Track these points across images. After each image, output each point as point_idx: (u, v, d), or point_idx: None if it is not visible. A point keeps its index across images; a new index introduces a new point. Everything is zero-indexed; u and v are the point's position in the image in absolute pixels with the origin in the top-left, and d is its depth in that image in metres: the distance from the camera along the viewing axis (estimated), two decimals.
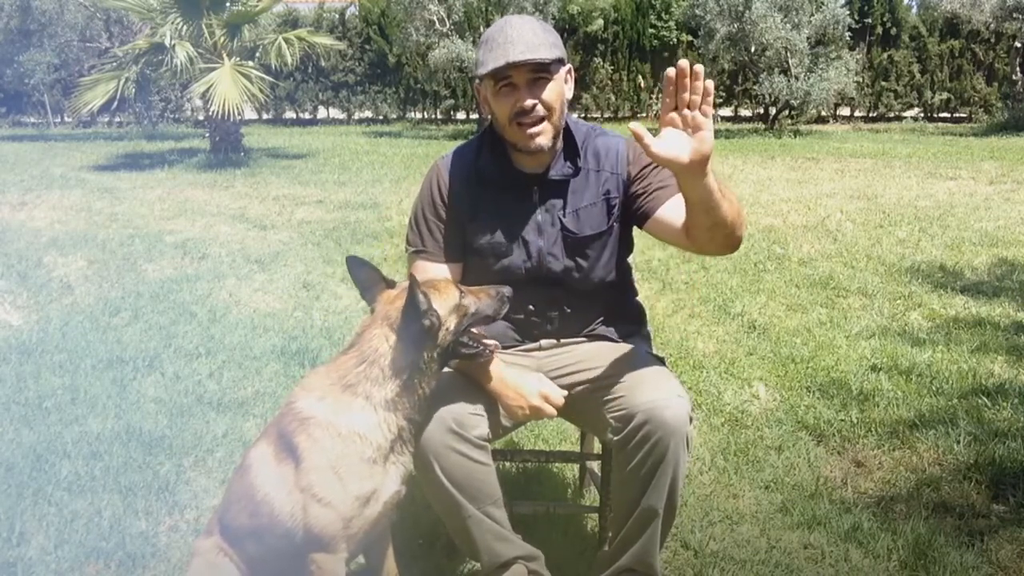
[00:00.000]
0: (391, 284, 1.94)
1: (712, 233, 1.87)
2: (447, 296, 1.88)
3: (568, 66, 2.04)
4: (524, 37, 1.92)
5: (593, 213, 2.11)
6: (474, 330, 1.96)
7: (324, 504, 1.77)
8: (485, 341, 1.96)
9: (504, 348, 2.18)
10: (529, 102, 1.95)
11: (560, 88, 2.00)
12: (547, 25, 2.02)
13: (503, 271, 2.12)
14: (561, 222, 2.10)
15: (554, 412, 2.00)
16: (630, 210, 2.12)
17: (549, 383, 2.03)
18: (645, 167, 2.09)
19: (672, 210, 2.01)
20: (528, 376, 2.02)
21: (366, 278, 1.95)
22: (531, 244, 2.11)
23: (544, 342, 2.21)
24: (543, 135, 1.99)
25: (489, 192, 2.11)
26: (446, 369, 1.97)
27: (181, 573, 2.31)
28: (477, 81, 2.05)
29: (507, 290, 1.96)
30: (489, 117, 2.09)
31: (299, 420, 1.82)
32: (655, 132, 1.69)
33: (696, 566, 2.38)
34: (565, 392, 2.03)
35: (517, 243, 2.11)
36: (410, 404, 1.85)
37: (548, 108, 1.98)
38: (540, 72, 1.95)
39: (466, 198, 2.12)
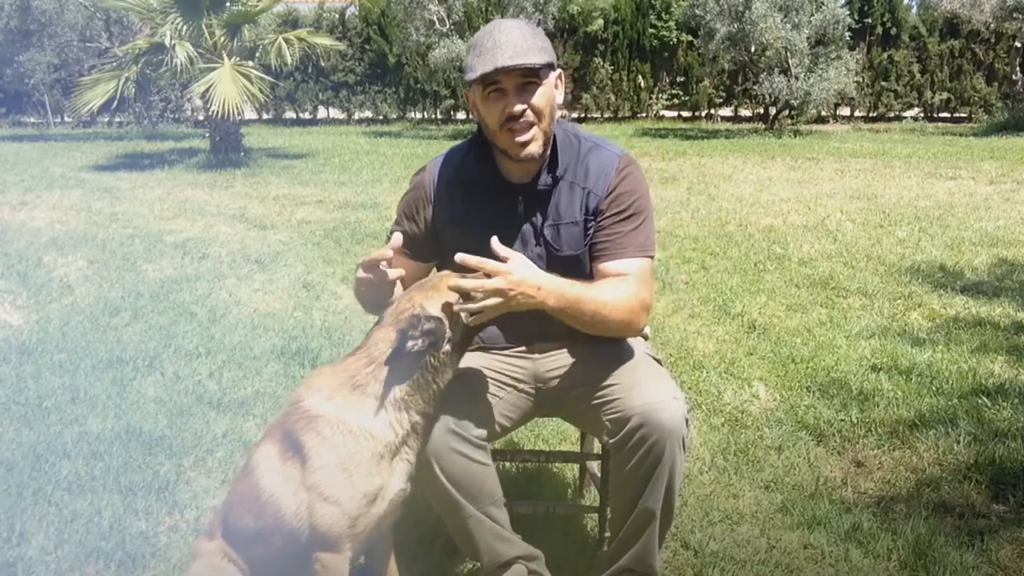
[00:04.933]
0: None
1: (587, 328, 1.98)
2: (446, 299, 1.86)
3: (558, 71, 2.03)
4: (513, 42, 1.90)
5: (574, 233, 2.08)
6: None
7: (331, 502, 1.76)
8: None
9: (495, 349, 2.18)
10: (518, 107, 1.93)
11: (550, 93, 1.99)
12: (537, 29, 2.00)
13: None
14: (543, 236, 2.08)
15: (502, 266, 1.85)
16: None
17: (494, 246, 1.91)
18: (614, 213, 2.05)
19: (607, 272, 2.04)
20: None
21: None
22: None
23: (538, 344, 2.21)
24: (534, 142, 1.97)
25: (475, 199, 2.09)
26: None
27: (181, 573, 2.31)
28: (466, 86, 2.03)
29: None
30: (478, 122, 2.08)
31: (307, 419, 1.81)
32: (655, 132, 1.70)
33: (696, 566, 2.38)
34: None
35: None
36: (423, 400, 1.84)
37: (537, 113, 1.95)
38: (529, 77, 1.93)
39: (452, 203, 2.11)
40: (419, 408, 1.84)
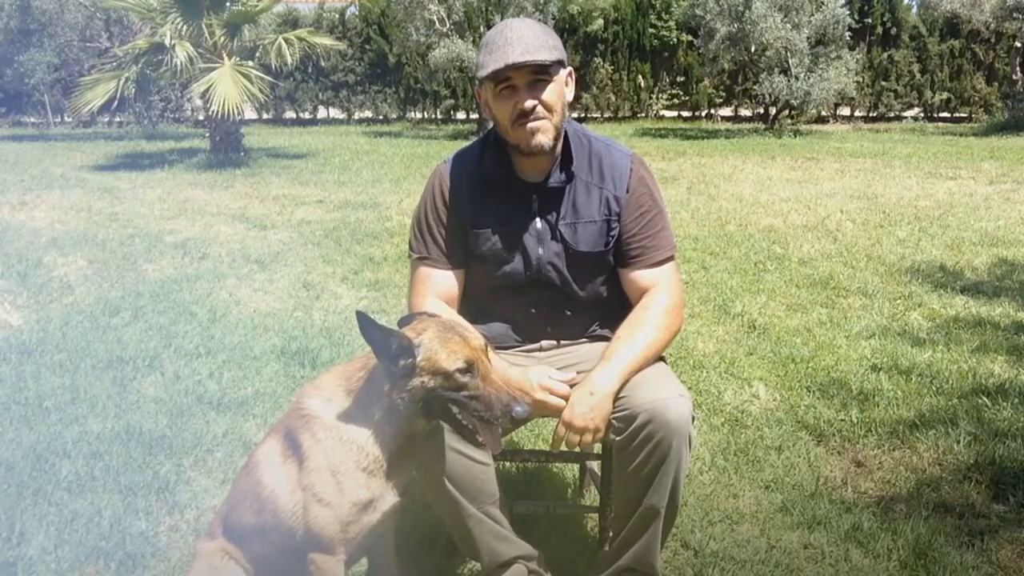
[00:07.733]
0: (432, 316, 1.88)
1: None
2: (448, 354, 1.72)
3: (569, 68, 2.04)
4: (523, 39, 1.92)
5: (591, 231, 2.10)
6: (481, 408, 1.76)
7: (324, 505, 1.77)
8: (480, 439, 1.78)
9: (504, 348, 2.18)
10: (529, 103, 1.95)
11: (560, 89, 2.00)
12: (547, 27, 2.03)
13: (504, 277, 2.12)
14: (559, 232, 2.10)
15: (562, 403, 1.98)
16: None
17: (553, 375, 2.02)
18: (637, 216, 2.10)
19: (640, 280, 2.10)
20: (530, 372, 2.01)
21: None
22: (531, 253, 2.10)
23: (544, 343, 2.22)
24: (543, 133, 1.98)
25: (490, 199, 2.11)
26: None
27: (181, 573, 2.31)
28: (478, 84, 2.05)
29: (521, 410, 1.74)
30: (491, 120, 2.09)
31: (305, 419, 1.82)
32: (655, 132, 1.70)
33: (696, 566, 2.38)
34: (568, 382, 2.00)
35: (518, 251, 2.11)
36: (395, 430, 1.77)
37: (548, 109, 1.97)
38: (540, 74, 1.95)
39: (468, 204, 2.12)
40: (395, 437, 1.78)
